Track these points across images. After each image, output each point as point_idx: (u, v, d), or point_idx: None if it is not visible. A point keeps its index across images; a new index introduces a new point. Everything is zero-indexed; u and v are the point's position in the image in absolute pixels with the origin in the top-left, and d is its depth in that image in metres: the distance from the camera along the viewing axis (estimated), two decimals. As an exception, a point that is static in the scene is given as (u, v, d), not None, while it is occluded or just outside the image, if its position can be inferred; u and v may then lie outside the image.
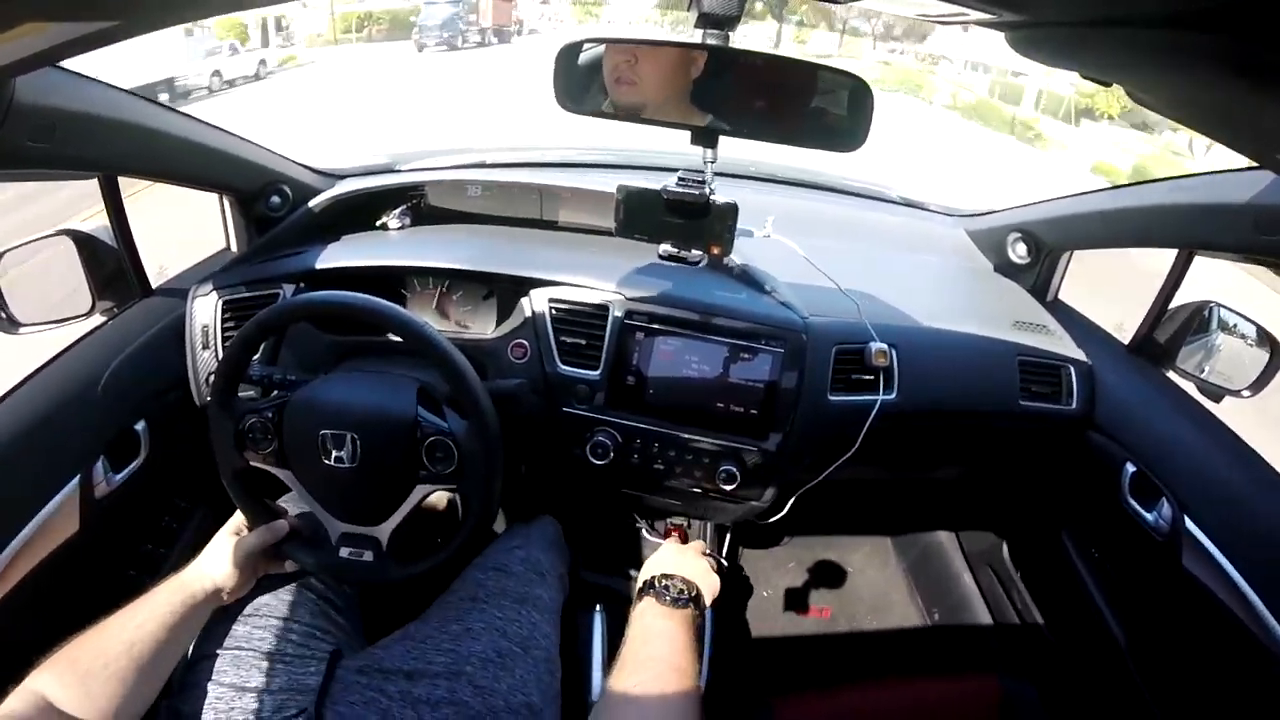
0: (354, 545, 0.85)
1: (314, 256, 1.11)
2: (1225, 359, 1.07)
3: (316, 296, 0.87)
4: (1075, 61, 0.46)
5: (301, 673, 0.75)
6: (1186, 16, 0.32)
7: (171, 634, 0.71)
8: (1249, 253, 0.94)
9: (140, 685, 0.67)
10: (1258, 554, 0.89)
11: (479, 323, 1.17)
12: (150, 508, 1.13)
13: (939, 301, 1.18)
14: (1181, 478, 1.00)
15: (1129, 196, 1.12)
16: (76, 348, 1.00)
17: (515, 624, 0.85)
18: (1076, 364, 1.14)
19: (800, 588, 1.66)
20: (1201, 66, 0.34)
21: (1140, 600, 1.14)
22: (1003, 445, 1.21)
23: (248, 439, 0.83)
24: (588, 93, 0.78)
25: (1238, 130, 0.42)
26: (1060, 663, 1.31)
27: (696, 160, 0.84)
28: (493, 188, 1.26)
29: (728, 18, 0.70)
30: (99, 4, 0.45)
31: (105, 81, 0.85)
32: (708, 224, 0.88)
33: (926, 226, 1.50)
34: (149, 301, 1.11)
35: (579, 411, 1.04)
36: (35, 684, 0.63)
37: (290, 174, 1.22)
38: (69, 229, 1.02)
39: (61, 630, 0.69)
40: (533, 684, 0.79)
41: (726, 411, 1.01)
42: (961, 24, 0.56)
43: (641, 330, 1.01)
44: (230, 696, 0.72)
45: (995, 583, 1.53)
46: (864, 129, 0.73)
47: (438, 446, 0.82)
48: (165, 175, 1.03)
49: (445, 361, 0.81)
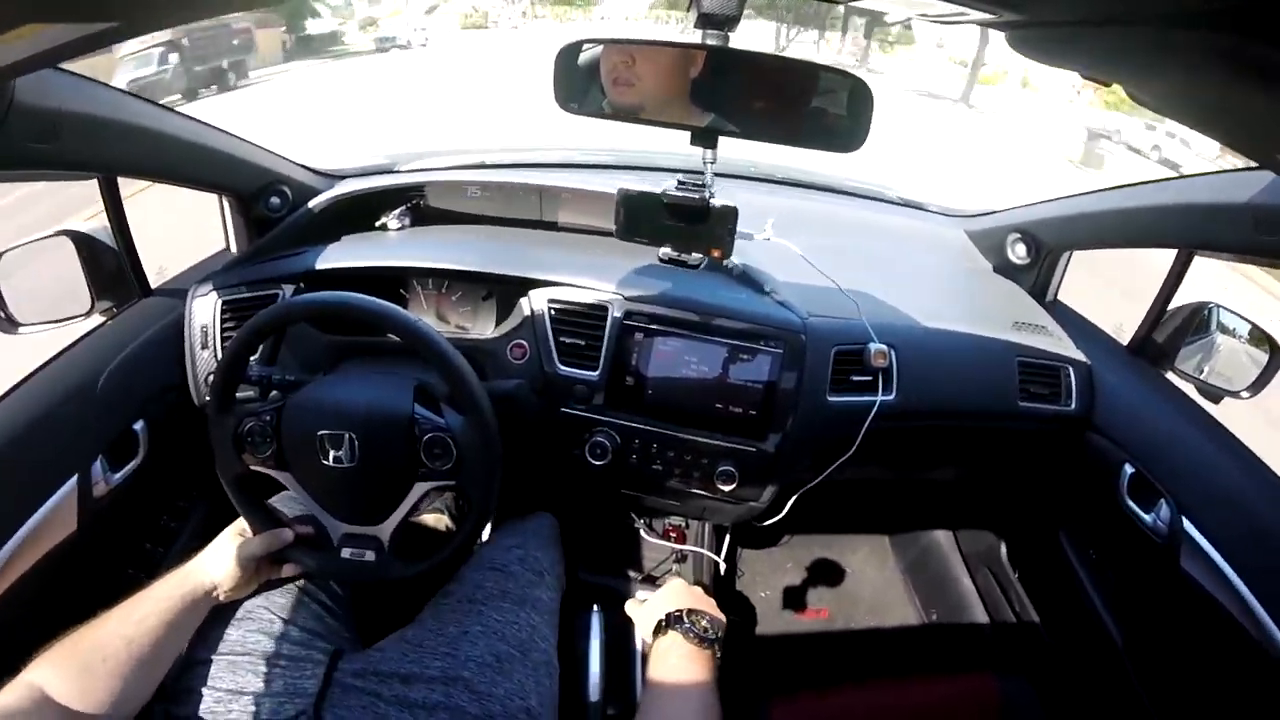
0: (355, 545, 0.85)
1: (313, 257, 1.11)
2: (1224, 360, 1.07)
3: (316, 297, 0.87)
4: (1075, 61, 0.46)
5: (298, 676, 0.75)
6: (1186, 16, 0.32)
7: (170, 630, 0.71)
8: (1249, 253, 0.94)
9: (138, 679, 0.67)
10: (1256, 556, 0.89)
11: (478, 323, 1.17)
12: (149, 507, 1.13)
13: (938, 302, 1.18)
14: (1180, 479, 1.00)
15: (1128, 197, 1.12)
16: (75, 348, 0.99)
17: (514, 627, 0.84)
18: (1075, 365, 1.14)
19: (799, 588, 1.66)
20: (1201, 66, 0.34)
21: (1138, 601, 1.14)
22: (1001, 446, 1.22)
23: (246, 442, 0.83)
24: (587, 93, 0.78)
25: (1238, 130, 0.42)
26: (1058, 663, 1.31)
27: (696, 161, 0.84)
28: (492, 188, 1.26)
29: (727, 18, 0.70)
30: (99, 5, 0.45)
31: (105, 83, 0.85)
32: (707, 227, 0.88)
33: (926, 227, 1.50)
34: (148, 302, 1.11)
35: (578, 412, 1.04)
36: (33, 676, 0.62)
37: (290, 174, 1.22)
38: (68, 229, 1.02)
39: (59, 630, 0.69)
40: (531, 688, 0.79)
41: (725, 412, 1.01)
42: (961, 24, 0.56)
43: (641, 331, 1.01)
44: (227, 701, 0.71)
45: (993, 583, 1.53)
46: (864, 129, 0.73)
47: (436, 444, 0.82)
48: (165, 176, 1.03)
49: (444, 361, 0.81)
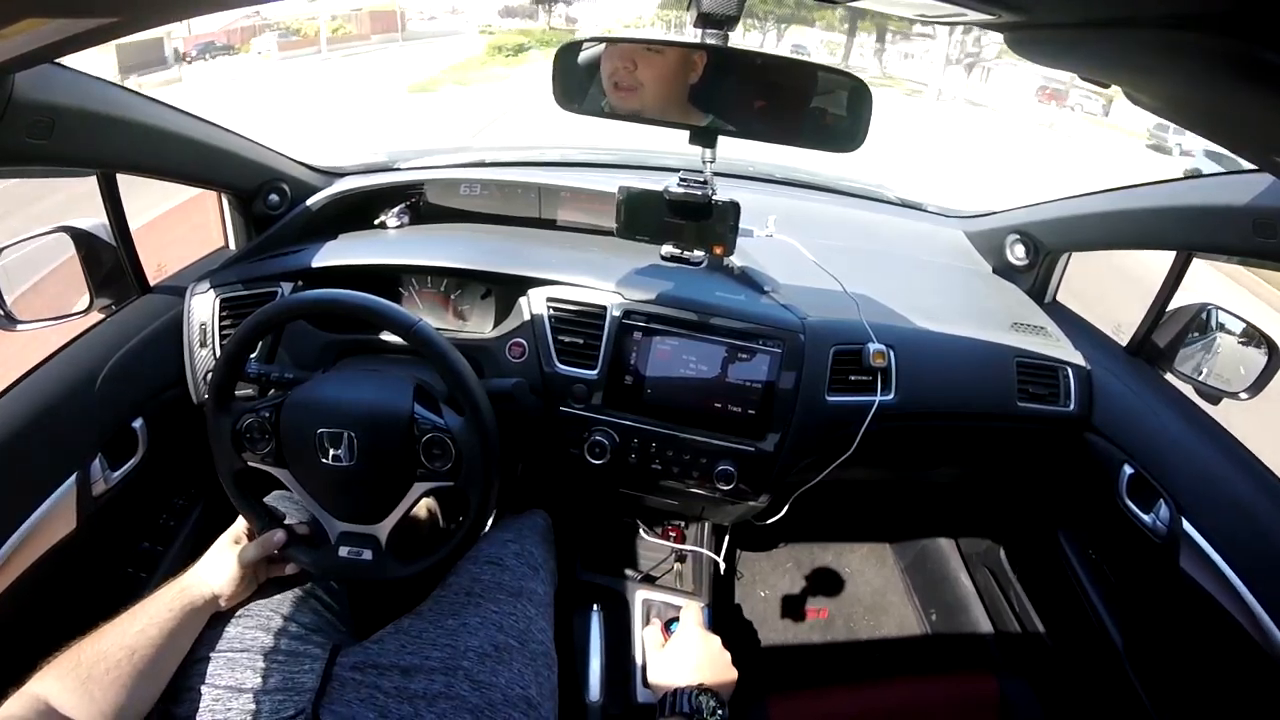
0: (353, 544, 0.85)
1: (312, 255, 1.11)
2: (1223, 361, 1.07)
3: (314, 295, 0.86)
4: (1075, 62, 0.46)
5: (296, 672, 0.75)
6: (1186, 17, 0.32)
7: (172, 639, 0.72)
8: (1247, 255, 0.94)
9: (141, 689, 0.68)
10: (1255, 556, 0.89)
11: (477, 322, 1.17)
12: (148, 506, 1.13)
13: (937, 303, 1.18)
14: (1179, 480, 1.00)
15: (1128, 199, 1.12)
16: (74, 345, 0.99)
17: (511, 618, 0.84)
18: (1074, 366, 1.14)
19: (798, 589, 1.66)
20: (1201, 67, 0.34)
21: (1137, 601, 1.14)
22: (1000, 447, 1.22)
23: (245, 440, 0.83)
24: (586, 93, 0.78)
25: (1238, 132, 0.42)
26: (1057, 663, 1.31)
27: (695, 161, 0.84)
28: (491, 187, 1.25)
29: (727, 18, 0.70)
30: (98, 0, 0.45)
31: (104, 79, 0.85)
32: (710, 224, 0.88)
33: (925, 228, 1.50)
34: (147, 299, 1.11)
35: (576, 411, 1.04)
36: (37, 688, 0.63)
37: (288, 172, 1.22)
38: (67, 226, 1.01)
39: (59, 628, 0.69)
40: (530, 678, 0.79)
41: (724, 411, 1.01)
42: (961, 25, 0.56)
43: (639, 330, 1.01)
44: (226, 698, 0.71)
45: (992, 584, 1.53)
46: (863, 129, 0.73)
47: (435, 444, 0.82)
48: (164, 172, 1.03)
49: (442, 360, 0.81)
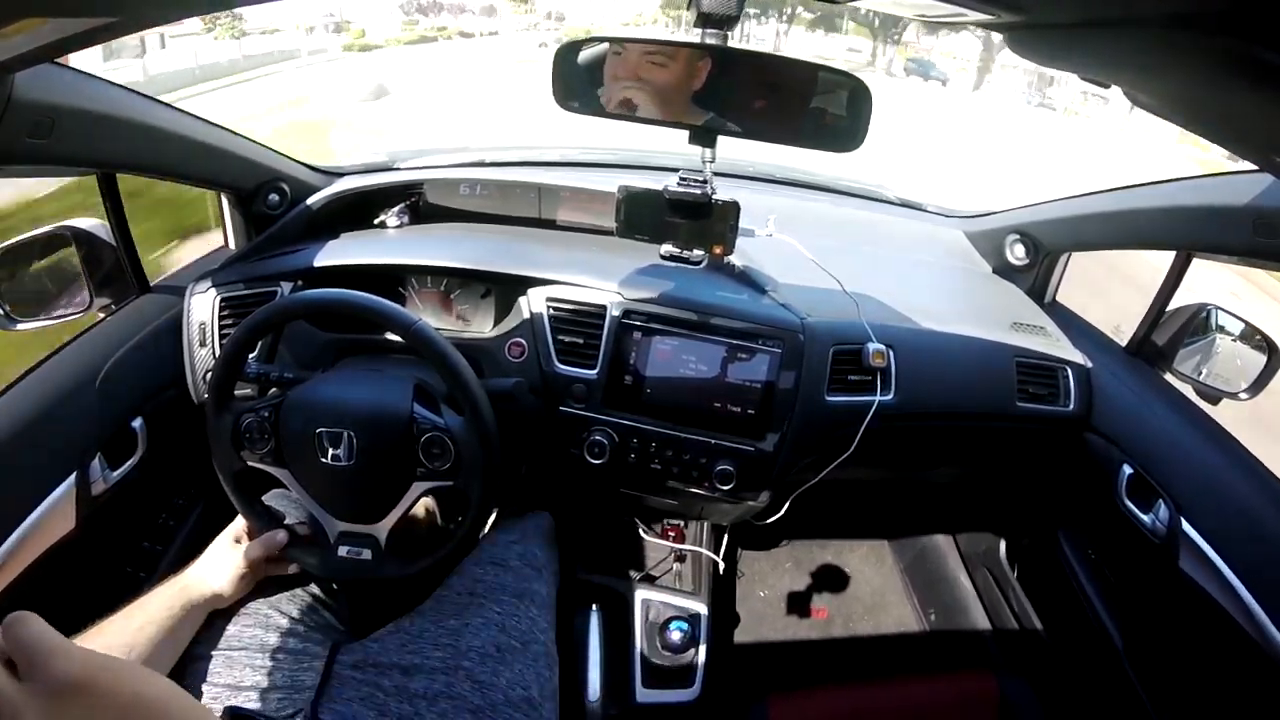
0: (352, 544, 0.85)
1: (312, 254, 1.11)
2: (1223, 361, 1.07)
3: (314, 294, 0.86)
4: (1074, 62, 0.46)
5: (296, 670, 0.75)
6: (1186, 17, 0.32)
7: (171, 636, 0.72)
8: (1247, 255, 0.94)
9: None
10: (1254, 556, 0.89)
11: (477, 321, 1.17)
12: (147, 505, 1.13)
13: (937, 303, 1.18)
14: (1179, 480, 1.00)
15: (1128, 199, 1.12)
16: (74, 344, 0.99)
17: (514, 619, 0.84)
18: (1074, 366, 1.14)
19: (798, 589, 1.66)
20: (1201, 67, 0.34)
21: (1137, 601, 1.14)
22: (1000, 447, 1.22)
23: (244, 439, 0.83)
24: (586, 92, 0.77)
25: (1237, 132, 0.42)
26: (1056, 663, 1.31)
27: (694, 160, 0.84)
28: (491, 186, 1.25)
29: (727, 17, 0.70)
30: (98, 0, 0.45)
31: (104, 78, 0.85)
32: (710, 223, 0.88)
33: (924, 228, 1.50)
34: (146, 298, 1.11)
35: (576, 411, 1.04)
36: None
37: (288, 171, 1.22)
38: (67, 225, 1.01)
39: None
40: (531, 679, 0.79)
41: (724, 411, 1.01)
42: (960, 25, 0.55)
43: (639, 330, 1.01)
44: (225, 697, 0.71)
45: (992, 583, 1.53)
46: (863, 129, 0.73)
47: (434, 443, 0.82)
48: (164, 172, 1.03)
49: (442, 359, 0.81)
